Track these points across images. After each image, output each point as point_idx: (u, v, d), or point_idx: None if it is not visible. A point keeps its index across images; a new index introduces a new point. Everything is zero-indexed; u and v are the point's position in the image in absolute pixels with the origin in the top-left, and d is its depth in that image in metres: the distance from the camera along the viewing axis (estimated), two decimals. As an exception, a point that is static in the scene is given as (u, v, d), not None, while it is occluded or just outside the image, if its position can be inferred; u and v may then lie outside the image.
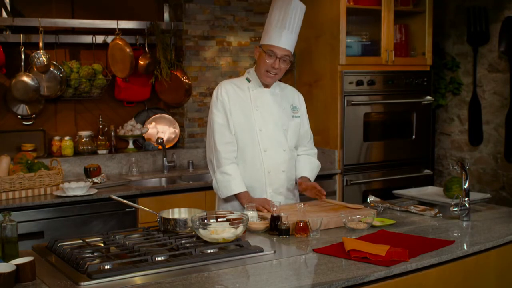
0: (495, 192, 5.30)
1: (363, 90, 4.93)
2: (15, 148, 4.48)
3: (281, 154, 3.23)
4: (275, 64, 3.10)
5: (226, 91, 3.18)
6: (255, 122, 3.18)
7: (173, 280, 2.13)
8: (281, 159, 3.23)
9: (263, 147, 3.18)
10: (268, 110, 3.21)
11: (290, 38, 3.12)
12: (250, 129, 3.17)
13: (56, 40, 4.52)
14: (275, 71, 3.13)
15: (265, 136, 3.19)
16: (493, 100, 5.34)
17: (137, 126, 4.87)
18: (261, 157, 3.19)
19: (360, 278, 2.17)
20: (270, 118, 3.21)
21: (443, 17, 5.67)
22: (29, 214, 3.77)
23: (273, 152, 3.20)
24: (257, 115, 3.19)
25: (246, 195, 3.12)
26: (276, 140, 3.21)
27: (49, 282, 2.14)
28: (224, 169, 3.14)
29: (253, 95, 3.21)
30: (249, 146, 3.18)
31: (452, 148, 5.74)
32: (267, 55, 3.10)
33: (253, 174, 3.20)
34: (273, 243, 2.64)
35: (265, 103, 3.21)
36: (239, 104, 3.18)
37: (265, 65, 3.12)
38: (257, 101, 3.21)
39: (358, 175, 4.98)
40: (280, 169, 3.23)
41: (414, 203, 3.43)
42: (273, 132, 3.21)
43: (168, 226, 2.70)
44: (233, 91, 3.20)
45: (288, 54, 3.12)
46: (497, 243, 2.66)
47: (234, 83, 3.25)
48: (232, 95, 3.18)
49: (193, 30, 5.02)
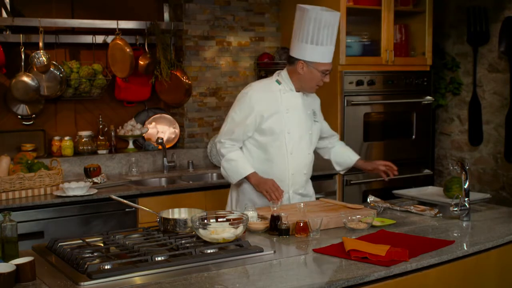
0: (495, 192, 5.30)
1: (363, 90, 4.93)
2: (15, 148, 4.47)
3: (305, 157, 3.33)
4: (326, 79, 3.24)
5: (258, 97, 3.24)
6: (284, 125, 3.25)
7: (173, 280, 2.13)
8: (304, 162, 3.33)
9: (290, 149, 3.27)
10: (297, 114, 3.28)
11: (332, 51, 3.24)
12: (279, 132, 3.24)
13: (56, 40, 4.52)
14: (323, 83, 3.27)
15: (292, 139, 3.27)
16: (493, 100, 5.34)
17: (137, 126, 4.87)
18: (286, 159, 3.27)
19: (360, 278, 2.17)
20: (298, 121, 3.28)
21: (443, 17, 5.67)
22: (29, 214, 3.77)
23: (298, 155, 3.29)
24: (287, 118, 3.25)
25: (255, 175, 3.20)
26: (302, 144, 3.30)
27: (49, 282, 2.14)
28: (228, 156, 3.25)
29: (284, 98, 3.27)
30: (277, 148, 3.26)
31: (452, 148, 5.74)
32: (322, 74, 3.19)
33: (278, 175, 3.27)
34: (273, 243, 2.64)
35: (295, 107, 3.28)
36: (269, 107, 3.24)
37: (317, 80, 3.22)
38: (287, 104, 3.27)
39: (358, 175, 4.97)
40: (303, 171, 3.33)
41: (414, 203, 3.42)
42: (300, 136, 3.29)
43: (168, 226, 2.70)
44: (265, 95, 3.26)
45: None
46: (497, 243, 2.66)
47: (264, 87, 3.31)
48: (263, 100, 3.24)
49: (193, 30, 5.02)
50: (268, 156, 3.26)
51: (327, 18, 3.12)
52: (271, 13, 5.40)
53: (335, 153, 3.59)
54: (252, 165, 3.25)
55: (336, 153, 3.59)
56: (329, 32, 3.14)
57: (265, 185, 3.14)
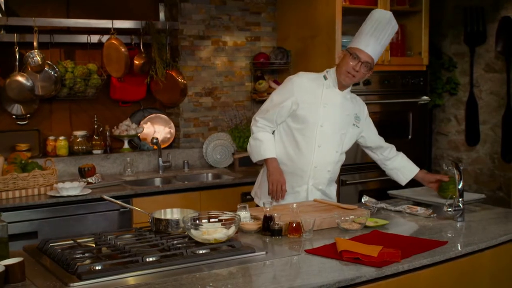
0: (492, 192, 5.28)
1: (359, 90, 4.90)
2: (9, 148, 4.45)
3: (332, 154, 3.37)
4: (357, 67, 3.20)
5: (300, 84, 3.33)
6: (318, 117, 3.29)
7: (164, 281, 2.12)
8: (331, 158, 3.36)
9: (318, 142, 3.31)
10: (334, 110, 3.32)
11: (377, 48, 3.23)
12: (312, 123, 3.29)
13: (51, 39, 4.50)
14: (355, 73, 3.22)
15: (323, 133, 3.31)
16: (490, 100, 5.33)
17: (132, 126, 4.86)
18: (313, 151, 3.32)
19: (351, 279, 2.16)
20: (333, 117, 3.32)
21: (440, 17, 5.65)
22: (22, 214, 3.76)
23: (326, 149, 3.33)
24: (323, 111, 3.30)
25: (274, 162, 3.32)
26: (332, 139, 3.34)
27: (38, 283, 2.13)
28: (257, 135, 3.38)
29: (325, 93, 3.32)
30: (307, 138, 3.31)
31: (449, 148, 5.72)
32: (352, 56, 3.20)
33: (302, 165, 3.35)
34: (265, 243, 2.63)
35: (333, 103, 3.32)
36: (309, 97, 3.31)
37: (347, 65, 3.22)
38: (327, 98, 3.32)
39: (354, 175, 4.96)
40: (326, 168, 3.36)
41: (409, 203, 3.41)
42: (332, 132, 3.32)
43: (160, 226, 2.70)
44: (308, 84, 3.33)
45: (370, 62, 3.21)
46: (491, 244, 2.65)
47: (309, 78, 3.38)
48: (305, 88, 3.31)
49: (189, 30, 5.01)
50: (296, 144, 3.32)
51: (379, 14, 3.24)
52: (267, 13, 5.38)
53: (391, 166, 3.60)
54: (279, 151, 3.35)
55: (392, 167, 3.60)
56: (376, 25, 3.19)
57: (275, 179, 3.27)
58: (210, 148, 5.05)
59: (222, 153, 5.08)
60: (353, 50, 3.21)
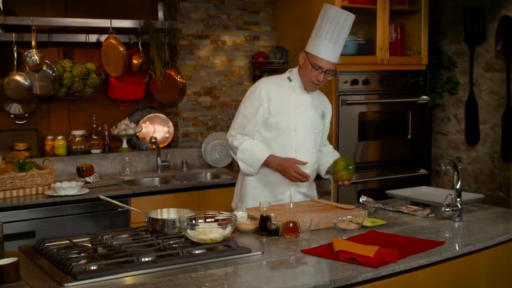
0: (492, 192, 5.27)
1: (358, 90, 4.90)
2: (7, 148, 4.44)
3: (310, 156, 3.31)
4: (320, 77, 3.16)
5: (267, 92, 3.24)
6: (291, 122, 3.23)
7: (159, 281, 2.11)
8: (308, 160, 3.29)
9: (295, 147, 3.25)
10: (306, 112, 3.27)
11: (337, 51, 3.19)
12: (285, 128, 3.23)
13: (49, 39, 4.49)
14: (319, 82, 3.19)
15: (298, 137, 3.25)
16: (490, 99, 5.32)
17: (130, 125, 4.85)
18: (291, 157, 3.23)
19: (347, 279, 2.15)
20: (306, 119, 3.27)
21: (439, 16, 5.64)
22: (20, 214, 3.75)
23: (303, 152, 3.27)
24: (295, 115, 3.25)
25: (274, 159, 3.21)
26: (307, 142, 3.29)
27: (33, 283, 2.12)
28: (242, 147, 3.24)
29: (294, 96, 3.27)
30: (282, 144, 3.25)
31: (449, 148, 5.71)
32: (314, 68, 3.14)
33: None
34: (262, 243, 2.62)
35: (304, 105, 3.27)
36: (278, 103, 3.24)
37: (310, 75, 3.18)
38: (297, 102, 3.26)
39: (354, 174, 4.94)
40: (306, 170, 3.27)
41: (407, 203, 3.39)
42: (306, 134, 3.27)
43: (156, 226, 2.69)
44: (274, 91, 3.25)
45: (333, 69, 3.18)
46: (488, 244, 2.63)
47: (274, 83, 3.31)
48: (273, 95, 3.24)
49: (188, 29, 5.00)
50: (273, 152, 3.23)
51: (334, 14, 3.16)
52: (266, 12, 5.37)
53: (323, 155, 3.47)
54: None
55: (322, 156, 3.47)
56: (333, 28, 3.13)
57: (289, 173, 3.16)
58: (209, 148, 5.04)
59: (221, 152, 5.06)
60: (314, 60, 3.13)
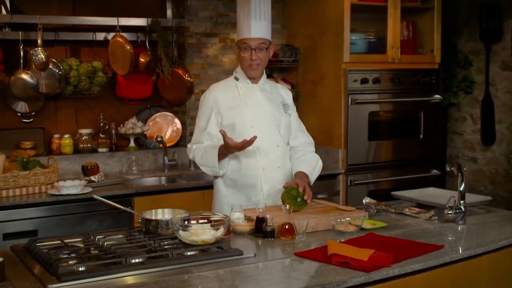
0: (508, 193, 5.15)
1: (368, 89, 4.81)
2: (14, 146, 4.45)
3: (275, 150, 3.18)
4: (252, 56, 3.09)
5: (214, 96, 3.19)
6: (245, 120, 3.14)
7: (145, 283, 2.07)
8: (275, 155, 3.17)
9: (256, 143, 3.07)
10: (259, 106, 3.17)
11: (260, 26, 3.09)
12: (241, 127, 3.13)
13: (56, 37, 4.49)
14: (256, 62, 3.11)
15: (257, 133, 3.07)
16: (506, 99, 5.20)
17: (138, 124, 4.82)
18: (254, 154, 3.12)
19: (337, 284, 2.08)
20: (261, 114, 3.17)
21: (455, 14, 5.53)
22: (23, 213, 3.75)
23: (266, 148, 3.14)
24: (248, 112, 3.15)
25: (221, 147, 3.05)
26: (268, 136, 3.15)
27: (17, 284, 2.09)
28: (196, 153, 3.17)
29: (242, 93, 3.19)
30: None
31: (465, 148, 5.60)
32: (242, 49, 3.11)
33: (248, 172, 3.14)
34: (257, 245, 2.57)
35: (255, 99, 3.18)
36: (228, 104, 3.16)
37: (243, 59, 3.13)
38: (246, 98, 3.18)
39: (363, 175, 4.87)
40: (275, 165, 3.17)
41: (412, 205, 3.31)
42: (265, 128, 3.15)
43: (150, 227, 2.65)
44: (221, 93, 3.19)
45: (262, 42, 3.09)
46: (489, 248, 2.53)
47: (222, 86, 3.26)
48: (220, 98, 3.18)
49: (196, 27, 4.96)
50: (235, 155, 3.11)
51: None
52: (276, 10, 5.29)
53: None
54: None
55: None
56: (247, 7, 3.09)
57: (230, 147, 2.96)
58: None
59: (229, 152, 5.01)
60: (241, 43, 3.10)
